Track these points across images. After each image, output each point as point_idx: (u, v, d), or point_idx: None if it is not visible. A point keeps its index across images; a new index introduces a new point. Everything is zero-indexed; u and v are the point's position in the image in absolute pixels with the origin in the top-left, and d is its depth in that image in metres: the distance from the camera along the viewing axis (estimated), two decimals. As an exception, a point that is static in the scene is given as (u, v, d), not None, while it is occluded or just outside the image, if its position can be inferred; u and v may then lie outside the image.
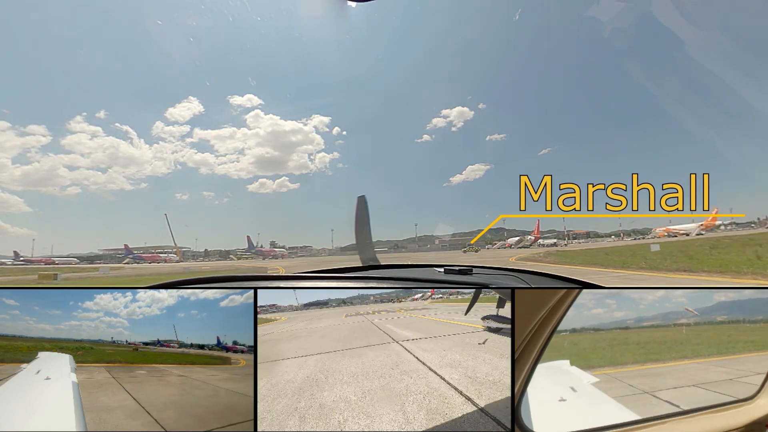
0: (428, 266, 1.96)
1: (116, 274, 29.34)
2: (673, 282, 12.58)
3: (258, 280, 1.37)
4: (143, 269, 39.91)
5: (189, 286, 1.25)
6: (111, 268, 38.06)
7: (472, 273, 1.68)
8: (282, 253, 67.92)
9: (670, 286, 1.07)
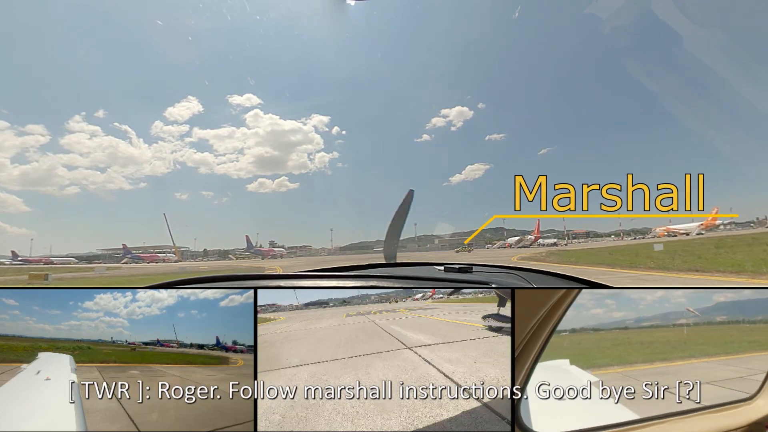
0: (429, 265, 1.96)
1: (111, 274, 29.27)
2: (687, 282, 12.32)
3: (258, 279, 1.37)
4: (139, 269, 39.76)
5: (189, 286, 1.25)
6: (107, 268, 37.91)
7: (473, 271, 1.68)
8: (281, 253, 67.81)
9: (672, 286, 1.07)
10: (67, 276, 27.56)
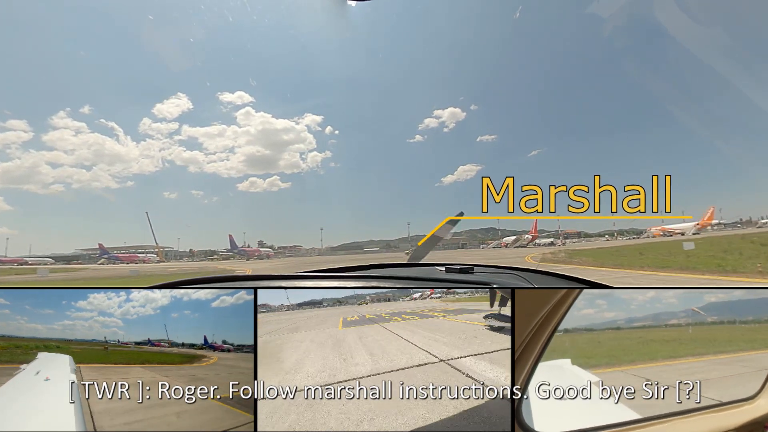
0: (429, 265, 1.96)
1: (56, 277, 26.73)
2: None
3: (258, 279, 1.37)
4: (105, 271, 36.74)
5: (189, 286, 1.25)
6: (50, 270, 33.73)
7: (474, 272, 1.68)
8: (268, 253, 66.18)
9: (671, 286, 1.07)
10: (11, 279, 25.59)
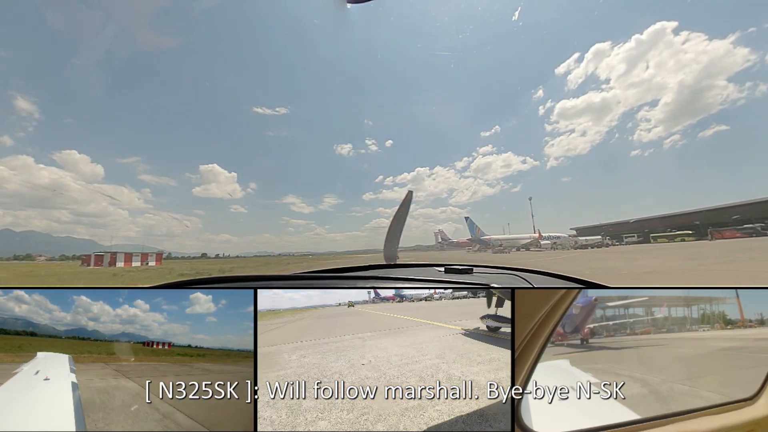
0: (429, 266, 1.96)
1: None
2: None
3: (258, 279, 1.37)
4: None
5: (189, 286, 1.25)
6: None
7: (473, 272, 1.68)
8: None
9: (670, 286, 1.07)
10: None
